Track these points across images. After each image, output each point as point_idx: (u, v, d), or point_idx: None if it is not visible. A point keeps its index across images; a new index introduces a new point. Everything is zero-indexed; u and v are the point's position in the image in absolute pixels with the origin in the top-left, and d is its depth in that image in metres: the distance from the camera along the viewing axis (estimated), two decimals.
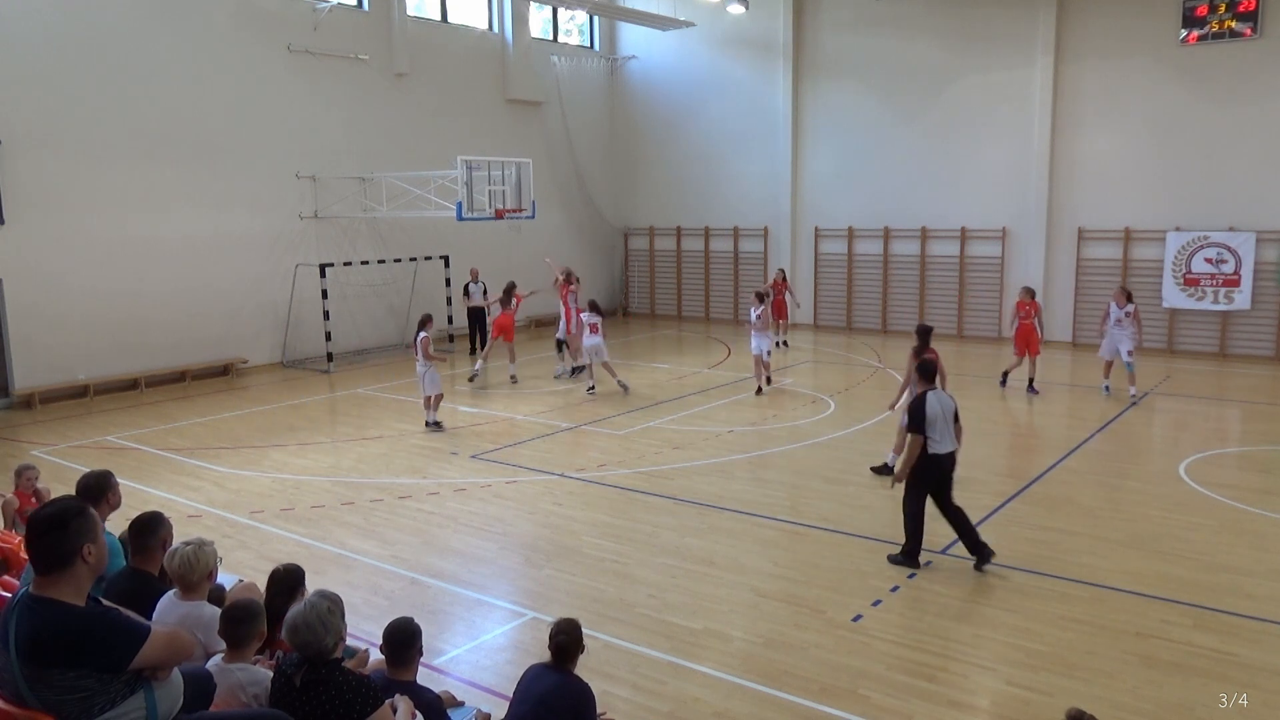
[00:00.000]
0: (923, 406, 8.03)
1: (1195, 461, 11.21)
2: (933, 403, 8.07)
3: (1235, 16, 17.99)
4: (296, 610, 4.23)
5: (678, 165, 25.59)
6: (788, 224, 23.83)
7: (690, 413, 14.31)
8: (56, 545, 3.48)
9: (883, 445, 12.44)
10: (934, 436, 7.98)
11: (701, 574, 8.11)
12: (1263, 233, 18.13)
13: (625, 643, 6.81)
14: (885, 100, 22.12)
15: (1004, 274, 21.08)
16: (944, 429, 8.05)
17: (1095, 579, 7.87)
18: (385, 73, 20.44)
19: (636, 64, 25.98)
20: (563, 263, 20.02)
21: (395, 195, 19.14)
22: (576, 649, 4.66)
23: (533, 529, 9.38)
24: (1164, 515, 9.47)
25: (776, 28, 23.22)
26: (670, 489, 10.51)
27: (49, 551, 3.50)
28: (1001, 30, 20.42)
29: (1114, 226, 19.73)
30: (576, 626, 4.68)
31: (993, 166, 20.92)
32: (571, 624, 4.69)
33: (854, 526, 9.23)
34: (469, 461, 11.77)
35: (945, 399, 8.24)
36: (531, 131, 23.87)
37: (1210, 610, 7.28)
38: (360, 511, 9.90)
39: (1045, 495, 10.25)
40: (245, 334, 18.31)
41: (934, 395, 8.16)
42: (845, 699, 6.01)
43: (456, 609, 7.56)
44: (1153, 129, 19.14)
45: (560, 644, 4.62)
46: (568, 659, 4.63)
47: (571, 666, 4.64)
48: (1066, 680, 6.21)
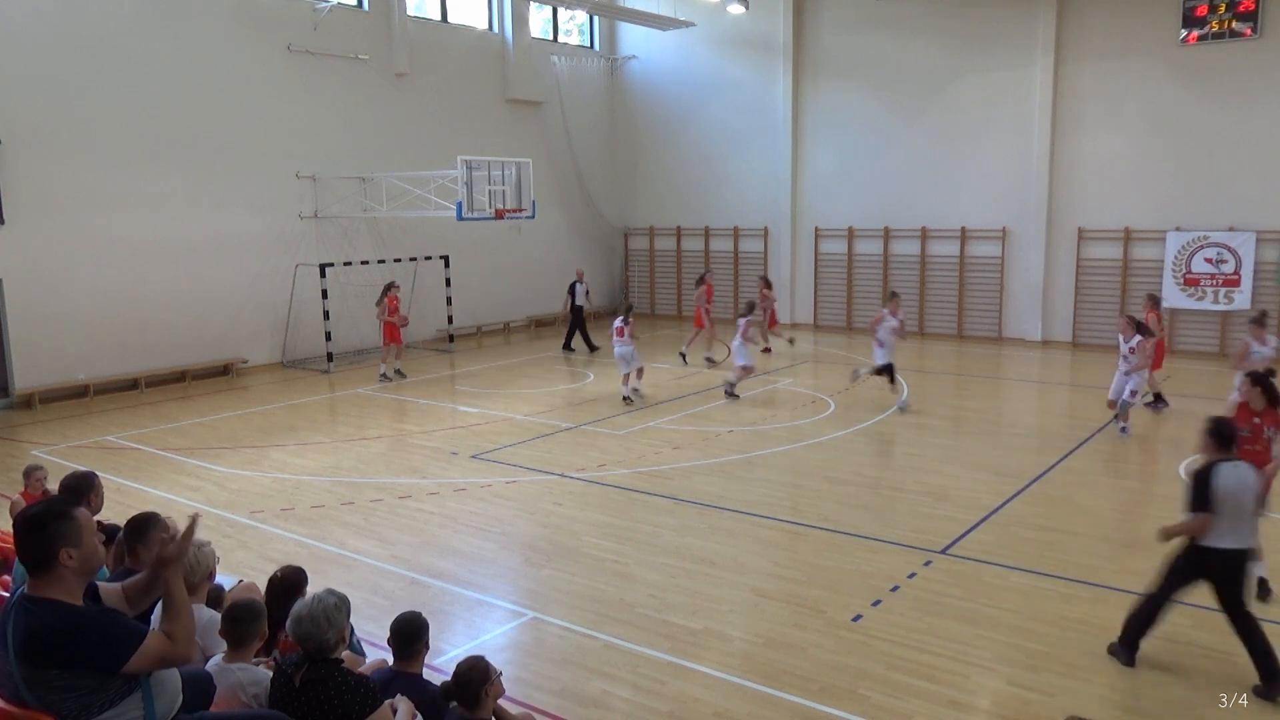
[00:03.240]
0: (1210, 480, 6.07)
1: (1196, 461, 11.18)
2: (1228, 478, 6.07)
3: (1235, 16, 17.98)
4: (303, 602, 4.25)
5: (678, 165, 25.59)
6: (788, 224, 23.83)
7: (690, 413, 14.31)
8: (35, 547, 3.49)
9: (883, 445, 12.44)
10: (1220, 525, 6.04)
11: (701, 574, 8.10)
12: (1262, 233, 18.13)
13: (625, 643, 6.81)
14: (885, 100, 22.11)
15: (1004, 274, 21.07)
16: (1236, 516, 6.07)
17: (1096, 579, 7.87)
18: (385, 73, 20.45)
19: (637, 64, 25.98)
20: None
21: (395, 195, 19.14)
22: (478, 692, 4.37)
23: (532, 529, 9.38)
24: (1164, 515, 9.44)
25: (776, 27, 23.22)
26: (670, 489, 10.51)
27: (29, 553, 3.52)
28: (1001, 30, 20.41)
29: (1114, 226, 19.73)
30: (475, 664, 4.43)
31: (993, 166, 20.91)
32: (469, 664, 4.43)
33: (854, 526, 9.23)
34: (469, 461, 11.77)
35: (1248, 474, 6.21)
36: (531, 131, 23.87)
37: (1209, 610, 7.24)
38: (360, 511, 9.89)
39: (1046, 495, 10.25)
40: (245, 334, 18.31)
41: (1230, 468, 6.14)
42: (845, 699, 6.01)
43: (456, 609, 7.56)
44: (1152, 129, 19.13)
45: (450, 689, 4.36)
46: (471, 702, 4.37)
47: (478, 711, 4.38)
48: (1067, 680, 6.21)
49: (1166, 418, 13.92)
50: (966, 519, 9.36)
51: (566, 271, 25.32)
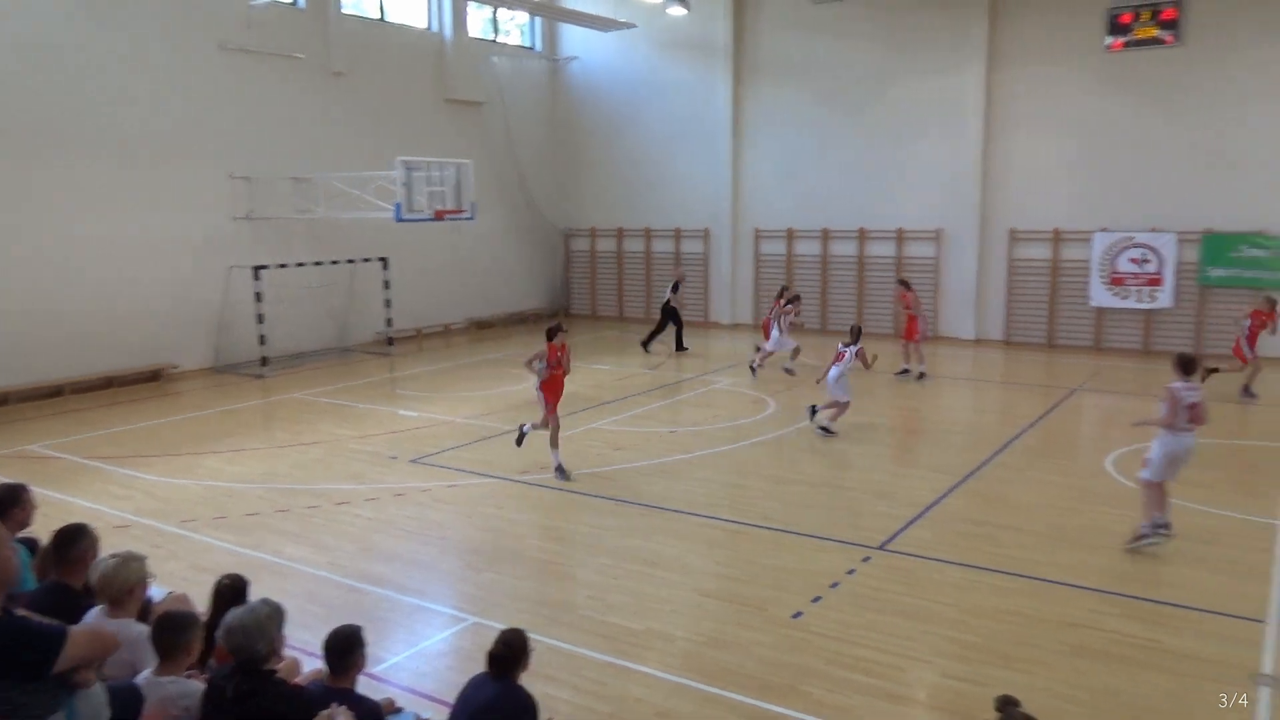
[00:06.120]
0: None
1: (1121, 455, 11.55)
2: None
3: (1158, 24, 18.58)
4: (235, 612, 4.18)
5: (619, 166, 25.61)
6: (728, 225, 24.00)
7: (633, 413, 14.32)
8: None
9: (823, 443, 12.59)
10: None
11: (644, 574, 8.11)
12: (1183, 233, 18.77)
13: (567, 645, 6.78)
14: (824, 103, 22.40)
15: (939, 274, 21.49)
16: None
17: (1028, 571, 8.07)
18: (322, 71, 20.10)
19: (578, 65, 25.94)
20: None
21: (333, 196, 18.82)
22: (517, 661, 4.56)
23: (473, 533, 9.29)
24: (1092, 508, 9.75)
25: (717, 30, 23.37)
26: (613, 490, 10.50)
27: None
28: (936, 36, 20.81)
29: (1044, 227, 20.25)
30: (519, 637, 4.60)
31: (929, 169, 21.31)
32: (514, 635, 4.61)
33: (795, 524, 9.32)
34: (408, 466, 11.62)
35: None
36: (472, 132, 23.67)
37: (1137, 599, 7.51)
38: (296, 518, 9.71)
39: (979, 491, 10.47)
40: (176, 338, 17.82)
41: None
42: (787, 695, 6.07)
43: (396, 615, 7.46)
44: (1080, 133, 19.69)
45: (495, 655, 4.54)
46: (506, 670, 4.56)
47: (513, 677, 4.58)
48: (1002, 671, 6.35)
49: (1094, 414, 14.33)
50: (904, 515, 9.52)
51: (507, 273, 25.27)
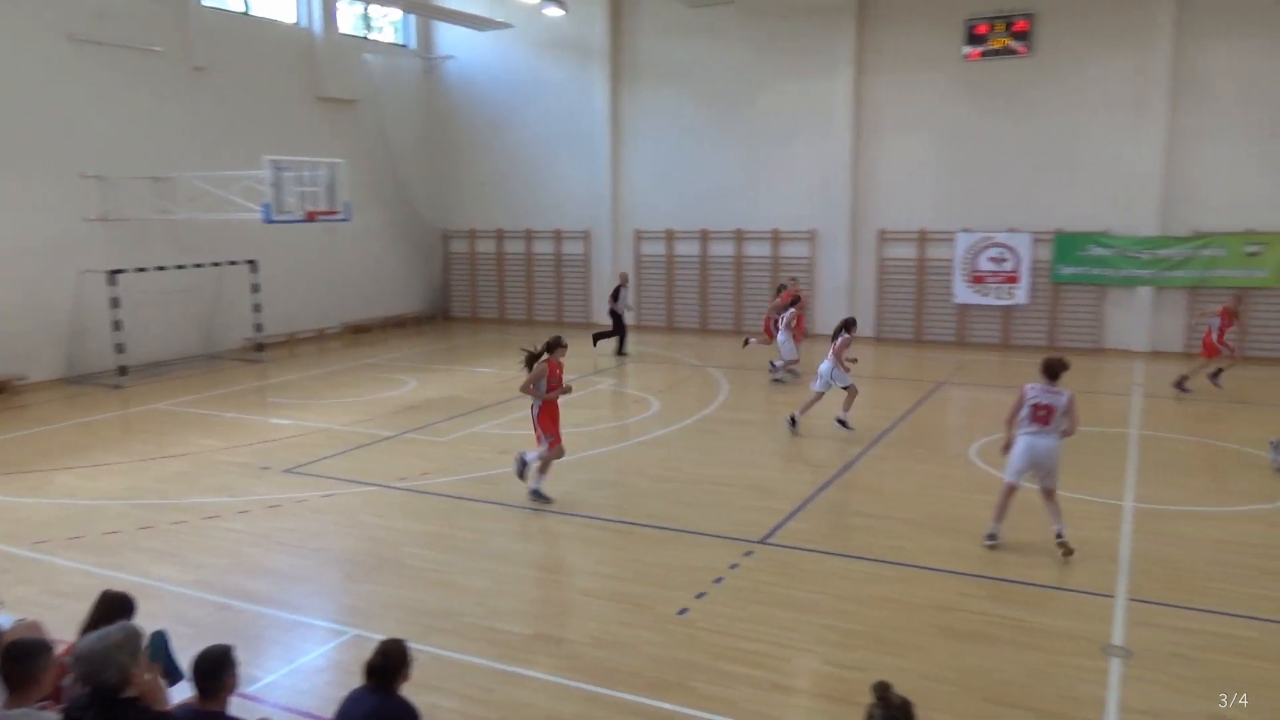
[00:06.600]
0: None
1: (984, 444, 12.14)
2: None
3: (1011, 35, 19.63)
4: (88, 638, 3.96)
5: (498, 167, 25.36)
6: (609, 226, 24.08)
7: (516, 416, 14.19)
8: None
9: (705, 441, 12.75)
10: None
11: (529, 578, 8.06)
12: (1037, 233, 19.90)
13: (452, 653, 6.67)
14: (702, 105, 22.74)
15: (814, 274, 22.12)
16: None
17: (902, 559, 8.39)
18: (182, 66, 19.15)
19: (454, 64, 25.54)
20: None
21: (196, 196, 17.95)
22: (396, 671, 4.43)
23: (353, 543, 9.04)
24: (959, 496, 10.21)
25: (595, 31, 23.42)
26: (496, 494, 10.39)
27: None
28: (808, 43, 21.41)
29: (911, 228, 21.11)
30: (398, 647, 4.48)
31: (802, 171, 21.90)
32: (392, 645, 4.48)
33: (678, 522, 9.42)
34: (282, 476, 11.20)
35: None
36: (345, 131, 23.00)
37: (1002, 581, 7.91)
38: (162, 535, 9.23)
39: (855, 483, 10.83)
40: (23, 348, 16.65)
41: None
42: (674, 691, 6.13)
43: (272, 632, 7.18)
44: (942, 138, 20.62)
45: (373, 666, 4.41)
46: (385, 681, 4.43)
47: (393, 689, 4.46)
48: (879, 656, 6.58)
49: (959, 406, 15.01)
50: (784, 509, 9.75)
51: (384, 275, 24.69)
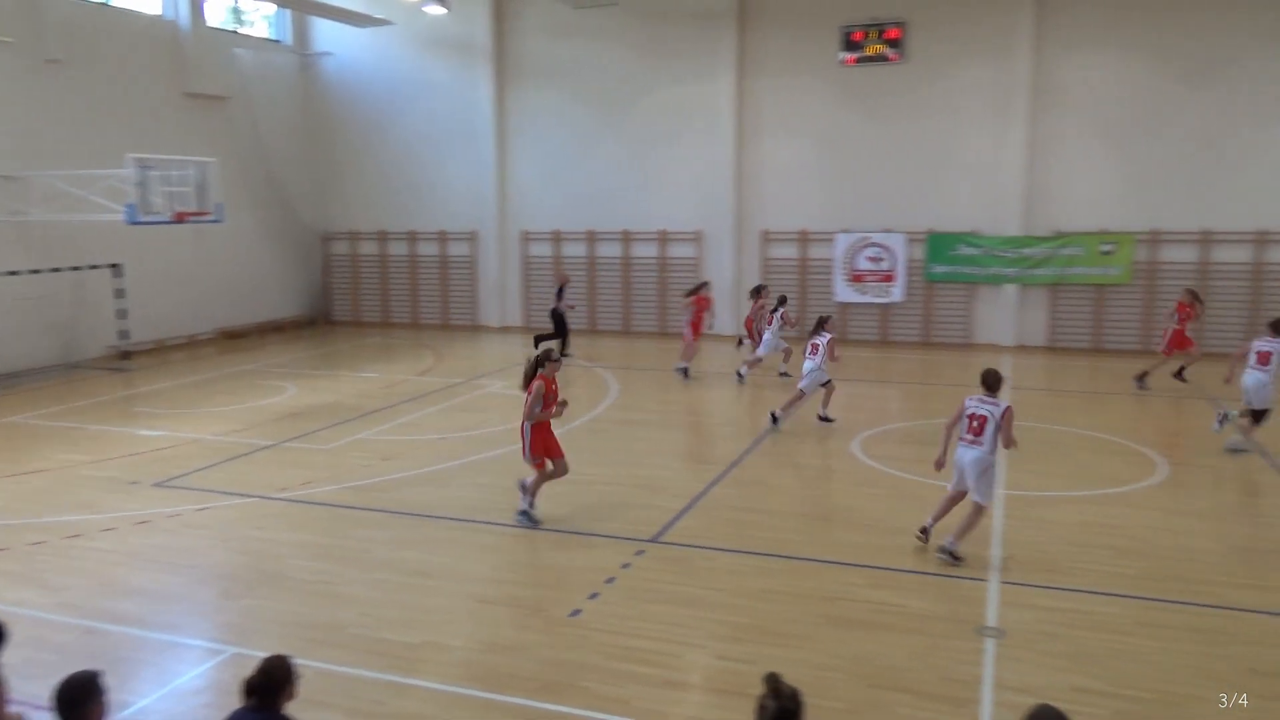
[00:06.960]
0: None
1: (865, 438, 12.53)
2: None
3: (884, 43, 20.33)
4: None
5: (380, 167, 24.77)
6: (495, 227, 23.83)
7: (401, 421, 13.90)
8: None
9: (595, 441, 12.77)
10: None
11: (417, 586, 7.89)
12: (911, 233, 20.68)
13: (339, 666, 6.47)
14: (587, 106, 22.75)
15: (700, 274, 22.38)
16: None
17: (789, 551, 8.57)
18: (33, 58, 17.96)
19: (332, 61, 24.81)
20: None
21: (52, 197, 16.91)
22: (279, 689, 4.25)
23: (230, 557, 8.67)
24: (841, 488, 10.52)
25: (477, 30, 23.12)
26: (382, 502, 10.14)
27: None
28: (691, 47, 21.68)
29: (793, 229, 21.62)
30: (281, 663, 4.30)
31: (687, 172, 22.16)
32: (274, 662, 4.30)
33: (569, 524, 9.40)
34: (152, 490, 10.66)
35: None
36: (216, 129, 22.05)
37: (884, 569, 8.18)
38: (17, 557, 8.64)
39: (741, 479, 11.02)
40: None
41: None
42: (567, 693, 6.10)
43: (143, 654, 6.82)
44: (821, 141, 21.20)
45: (253, 684, 4.22)
46: (268, 700, 4.25)
47: (276, 707, 4.28)
48: (769, 648, 6.71)
49: (839, 400, 15.42)
50: (674, 507, 9.84)
51: (260, 278, 23.79)
